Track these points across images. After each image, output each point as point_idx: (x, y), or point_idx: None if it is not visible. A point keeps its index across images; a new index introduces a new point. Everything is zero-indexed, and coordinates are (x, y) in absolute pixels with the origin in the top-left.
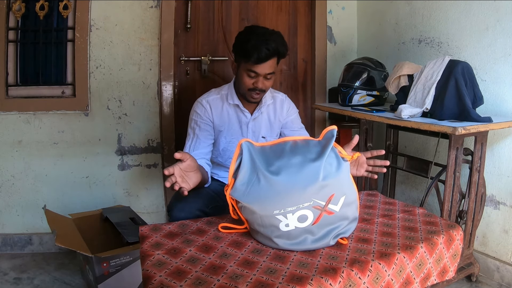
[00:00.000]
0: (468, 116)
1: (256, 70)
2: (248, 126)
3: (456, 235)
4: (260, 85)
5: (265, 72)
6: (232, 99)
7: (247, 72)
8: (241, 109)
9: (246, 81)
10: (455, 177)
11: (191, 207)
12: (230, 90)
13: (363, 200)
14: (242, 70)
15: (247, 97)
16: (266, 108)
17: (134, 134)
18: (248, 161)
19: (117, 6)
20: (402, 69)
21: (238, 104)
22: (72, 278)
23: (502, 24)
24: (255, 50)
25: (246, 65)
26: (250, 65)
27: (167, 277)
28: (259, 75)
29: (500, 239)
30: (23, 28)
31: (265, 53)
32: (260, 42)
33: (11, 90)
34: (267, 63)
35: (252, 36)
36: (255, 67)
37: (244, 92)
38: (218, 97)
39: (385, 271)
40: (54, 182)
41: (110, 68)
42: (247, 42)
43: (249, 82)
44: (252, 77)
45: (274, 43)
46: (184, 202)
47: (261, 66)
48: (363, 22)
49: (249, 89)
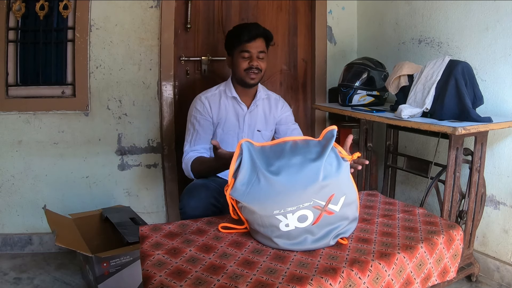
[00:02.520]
0: (468, 116)
1: (248, 48)
2: (245, 119)
3: (456, 235)
4: (255, 63)
5: (257, 50)
6: (230, 92)
7: (241, 54)
8: (238, 102)
9: (241, 62)
10: (455, 177)
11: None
12: (227, 84)
13: (363, 200)
14: (236, 56)
15: (245, 79)
16: (262, 102)
17: (134, 134)
18: (248, 161)
19: (117, 6)
20: (402, 69)
21: (236, 97)
22: (72, 278)
23: (502, 24)
24: (244, 31)
25: (239, 48)
26: (242, 46)
27: (167, 277)
28: (252, 53)
29: (500, 239)
30: (23, 28)
31: (254, 32)
32: (247, 26)
33: (11, 90)
34: (257, 41)
35: (239, 27)
36: (247, 46)
37: (241, 76)
38: (216, 92)
39: (385, 271)
40: (54, 182)
41: (110, 68)
42: (237, 29)
43: (244, 63)
44: (246, 58)
45: (261, 27)
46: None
47: (252, 44)
48: (363, 22)
49: (245, 69)
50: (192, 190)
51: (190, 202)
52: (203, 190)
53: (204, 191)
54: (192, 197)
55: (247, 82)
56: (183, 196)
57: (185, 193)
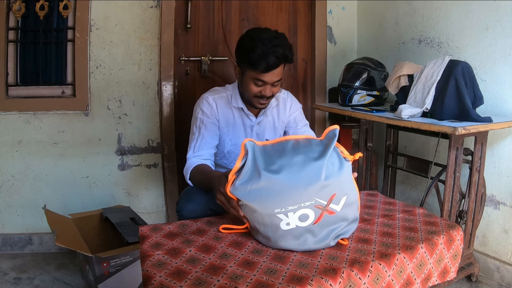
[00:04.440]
0: (468, 116)
1: (263, 79)
2: (253, 130)
3: (456, 235)
4: (268, 93)
5: (273, 80)
6: (236, 102)
7: (254, 81)
8: (245, 113)
9: (252, 88)
10: (455, 177)
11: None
12: (234, 92)
13: (363, 200)
14: (248, 78)
15: (253, 103)
16: (271, 111)
17: (134, 134)
18: (251, 160)
19: (117, 6)
20: (402, 69)
21: (242, 108)
22: (72, 278)
23: (502, 24)
24: (263, 60)
25: (252, 73)
26: (257, 73)
27: (167, 278)
28: (266, 83)
29: (500, 239)
30: (23, 28)
31: (274, 61)
32: (268, 51)
33: (11, 90)
34: (274, 71)
35: (258, 43)
36: (262, 76)
37: (249, 99)
38: (224, 96)
39: (385, 272)
40: (54, 182)
41: (110, 68)
42: (252, 51)
43: (255, 90)
44: (259, 86)
45: (281, 49)
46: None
47: (268, 74)
48: (363, 22)
49: (255, 96)
50: (189, 194)
51: (187, 205)
52: (201, 194)
53: (203, 195)
54: (189, 201)
55: (255, 106)
56: (180, 199)
57: (182, 196)
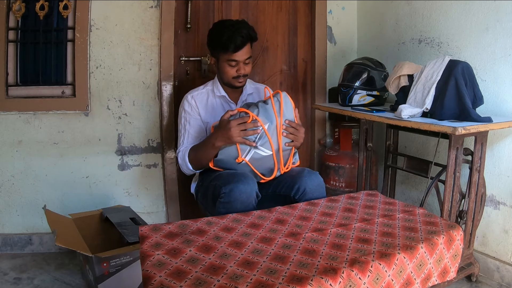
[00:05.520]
0: (468, 116)
1: (235, 58)
2: None
3: (456, 235)
4: (242, 71)
5: (244, 58)
6: (219, 91)
7: (228, 63)
8: (227, 100)
9: (228, 70)
10: (455, 177)
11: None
12: (215, 84)
13: (363, 200)
14: (222, 62)
15: (233, 84)
16: (249, 97)
17: (134, 134)
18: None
19: (117, 6)
20: (402, 69)
21: (224, 95)
22: (72, 278)
23: (502, 24)
24: (231, 41)
25: (225, 56)
26: (229, 55)
27: (167, 278)
28: (239, 62)
29: (500, 239)
30: (23, 28)
31: (240, 41)
32: (233, 33)
33: (11, 90)
34: (243, 50)
35: (223, 30)
36: (234, 55)
37: (229, 81)
38: (204, 91)
39: (385, 272)
40: (54, 182)
41: (110, 68)
42: (221, 36)
43: (231, 71)
44: (233, 66)
45: (245, 30)
46: (245, 183)
47: (239, 53)
48: (363, 22)
49: (233, 77)
50: (236, 175)
51: (239, 186)
52: (249, 177)
53: (250, 179)
54: (240, 183)
55: (235, 86)
56: (223, 181)
57: (226, 178)
